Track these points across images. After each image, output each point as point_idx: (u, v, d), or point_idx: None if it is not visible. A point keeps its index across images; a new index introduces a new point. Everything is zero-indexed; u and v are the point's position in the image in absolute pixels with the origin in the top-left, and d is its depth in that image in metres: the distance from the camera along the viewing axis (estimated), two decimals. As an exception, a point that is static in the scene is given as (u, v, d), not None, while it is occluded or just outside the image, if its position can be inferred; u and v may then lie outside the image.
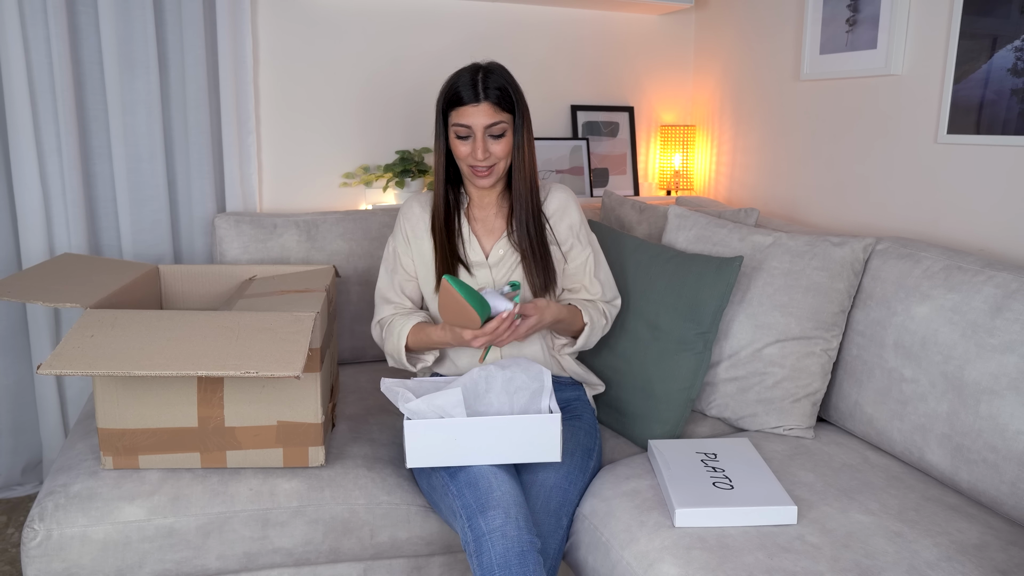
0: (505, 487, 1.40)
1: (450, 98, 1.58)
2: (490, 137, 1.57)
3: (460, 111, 1.56)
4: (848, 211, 2.21)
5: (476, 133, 1.56)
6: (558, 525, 1.47)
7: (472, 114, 1.55)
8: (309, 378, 1.50)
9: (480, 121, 1.55)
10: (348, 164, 2.52)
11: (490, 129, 1.56)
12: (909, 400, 1.59)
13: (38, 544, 1.39)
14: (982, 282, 1.53)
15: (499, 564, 1.30)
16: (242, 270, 1.92)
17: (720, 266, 1.70)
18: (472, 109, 1.55)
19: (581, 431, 1.63)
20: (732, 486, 1.42)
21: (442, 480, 1.47)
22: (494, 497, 1.37)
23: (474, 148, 1.57)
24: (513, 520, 1.34)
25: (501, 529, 1.33)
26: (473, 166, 1.60)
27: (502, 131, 1.58)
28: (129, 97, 2.17)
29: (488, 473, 1.42)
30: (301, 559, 1.54)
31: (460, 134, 1.58)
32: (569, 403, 1.71)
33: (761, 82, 2.52)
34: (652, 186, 2.93)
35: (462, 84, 1.56)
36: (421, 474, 1.56)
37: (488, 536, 1.32)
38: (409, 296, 1.72)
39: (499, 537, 1.32)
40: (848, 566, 1.24)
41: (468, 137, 1.57)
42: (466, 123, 1.56)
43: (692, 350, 1.71)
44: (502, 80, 1.57)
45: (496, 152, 1.58)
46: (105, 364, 1.26)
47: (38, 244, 2.11)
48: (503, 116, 1.57)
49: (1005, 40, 1.72)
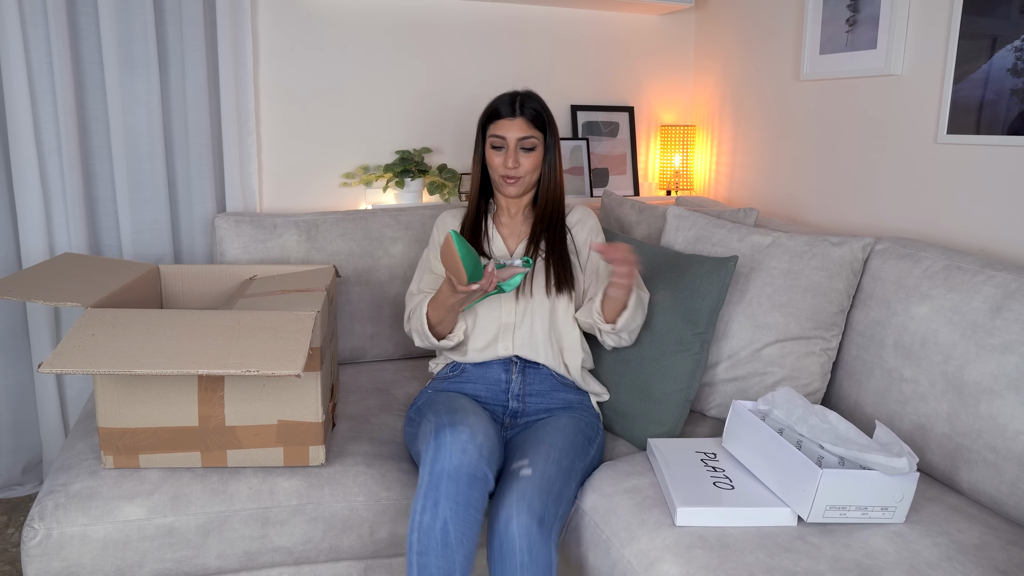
0: (483, 423, 1.47)
1: (490, 113, 1.76)
2: (521, 150, 1.74)
3: (497, 124, 1.74)
4: (848, 211, 2.21)
5: (509, 144, 1.73)
6: (568, 481, 1.49)
7: (507, 127, 1.73)
8: (310, 377, 1.50)
9: (514, 134, 1.72)
10: (348, 164, 2.52)
11: (522, 142, 1.73)
12: (909, 400, 1.59)
13: (38, 543, 1.39)
14: (982, 282, 1.53)
15: (449, 476, 1.36)
16: (242, 270, 1.92)
17: (716, 266, 1.70)
18: (508, 123, 1.73)
19: (583, 421, 1.65)
20: (732, 486, 1.42)
21: (426, 418, 1.54)
22: (468, 421, 1.45)
23: (506, 158, 1.73)
24: (477, 446, 1.40)
25: (463, 444, 1.39)
26: (504, 175, 1.74)
27: (532, 146, 1.74)
28: (129, 97, 2.17)
29: (470, 409, 1.51)
30: (301, 558, 1.54)
31: (495, 144, 1.75)
32: (571, 404, 1.72)
33: (761, 82, 2.52)
34: (652, 186, 2.93)
35: (502, 102, 1.75)
36: (410, 421, 1.67)
37: (449, 447, 1.38)
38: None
39: (459, 452, 1.38)
40: (848, 566, 1.24)
41: (502, 148, 1.74)
42: (501, 134, 1.73)
43: (689, 351, 1.71)
44: (537, 104, 1.75)
45: (525, 165, 1.74)
46: (106, 363, 1.26)
47: (38, 244, 2.11)
48: (535, 133, 1.74)
49: (1005, 40, 1.72)
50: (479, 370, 1.74)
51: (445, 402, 1.59)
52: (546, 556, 1.38)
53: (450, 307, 1.63)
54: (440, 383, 1.76)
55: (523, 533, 1.37)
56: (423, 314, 1.69)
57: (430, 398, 1.68)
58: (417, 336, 1.73)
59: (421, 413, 1.62)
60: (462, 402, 1.59)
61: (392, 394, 1.98)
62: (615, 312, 1.65)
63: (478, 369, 1.74)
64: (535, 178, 1.78)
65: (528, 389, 1.71)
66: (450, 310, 1.64)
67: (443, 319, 1.68)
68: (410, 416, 1.69)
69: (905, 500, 1.33)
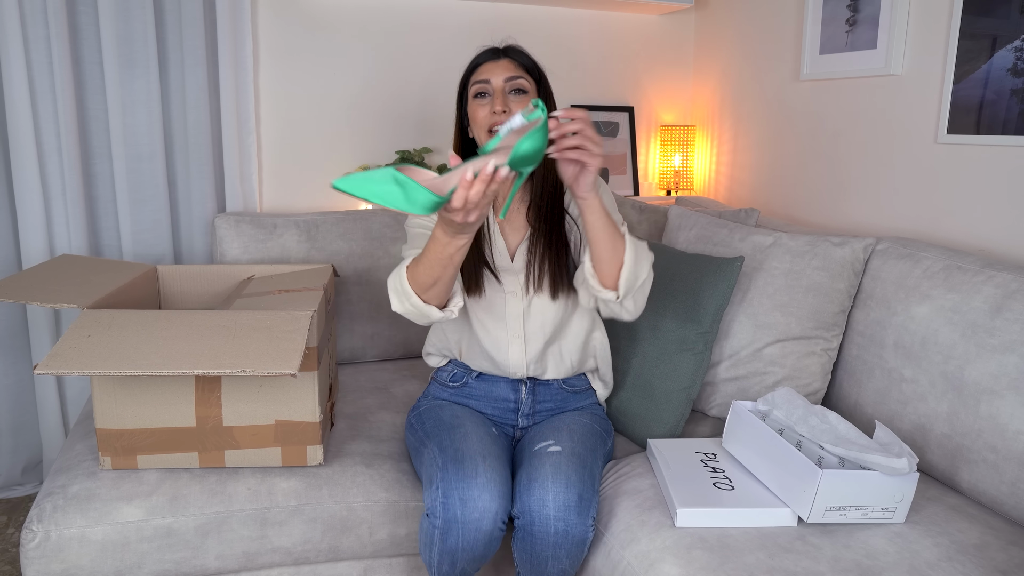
0: (496, 463, 1.37)
1: (471, 67, 1.50)
2: (511, 93, 1.45)
3: (480, 69, 1.48)
4: (848, 211, 2.20)
5: (495, 87, 1.45)
6: (596, 460, 1.45)
7: (491, 69, 1.46)
8: (307, 377, 1.50)
9: (499, 74, 1.45)
10: (348, 164, 2.52)
11: (510, 83, 1.45)
12: (909, 400, 1.58)
13: (37, 545, 1.39)
14: (982, 282, 1.52)
15: (464, 548, 1.33)
16: (240, 270, 1.91)
17: (721, 266, 1.70)
18: (492, 64, 1.47)
19: (596, 415, 1.62)
20: (732, 487, 1.42)
21: (429, 447, 1.45)
22: (480, 472, 1.33)
23: (493, 103, 1.45)
24: (493, 513, 1.32)
25: (480, 512, 1.31)
26: (492, 125, 1.44)
27: (522, 87, 1.46)
28: (129, 97, 2.17)
29: (477, 444, 1.40)
30: (300, 558, 1.53)
31: (479, 91, 1.46)
32: (582, 407, 1.67)
33: (761, 82, 2.52)
34: (652, 186, 2.93)
35: (483, 52, 1.51)
36: (412, 428, 1.58)
37: (462, 525, 1.31)
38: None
39: (472, 529, 1.32)
40: (848, 566, 1.23)
41: (486, 95, 1.46)
42: (484, 78, 1.46)
43: (692, 350, 1.70)
44: (523, 50, 1.51)
45: (515, 109, 1.44)
46: (102, 364, 1.25)
47: (38, 244, 2.11)
48: (523, 74, 1.47)
49: (1005, 40, 1.72)
50: (484, 385, 1.62)
51: (450, 429, 1.46)
52: (582, 534, 1.34)
53: (442, 249, 1.27)
54: (441, 390, 1.66)
55: (560, 508, 1.32)
56: (403, 272, 1.38)
57: (432, 410, 1.58)
58: (400, 304, 1.40)
59: (423, 424, 1.55)
60: (468, 428, 1.46)
61: (391, 392, 1.97)
62: (613, 268, 1.36)
63: (483, 385, 1.62)
64: None
65: (539, 407, 1.62)
66: (443, 255, 1.28)
67: (437, 276, 1.32)
68: (411, 422, 1.62)
69: (905, 500, 1.32)
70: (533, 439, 1.51)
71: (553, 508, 1.33)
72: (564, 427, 1.52)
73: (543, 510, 1.33)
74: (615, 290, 1.39)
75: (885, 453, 1.30)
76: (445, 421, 1.51)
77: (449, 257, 1.28)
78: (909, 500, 1.33)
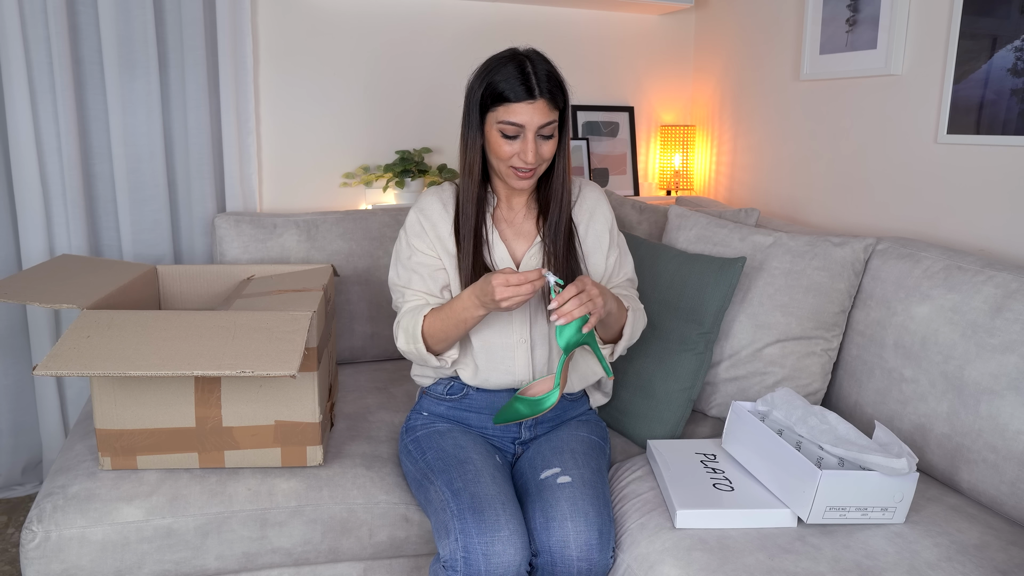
0: (511, 508, 1.32)
1: (499, 95, 1.39)
2: (540, 137, 1.42)
3: (511, 108, 1.38)
4: (848, 211, 2.20)
5: (528, 133, 1.40)
6: (605, 482, 1.44)
7: (524, 112, 1.38)
8: (306, 377, 1.50)
9: (535, 120, 1.39)
10: (348, 164, 2.52)
11: (542, 129, 1.40)
12: (909, 400, 1.58)
13: (37, 546, 1.39)
14: (982, 282, 1.52)
15: None
16: (240, 270, 1.91)
17: (722, 267, 1.70)
18: (527, 107, 1.38)
19: (591, 422, 1.61)
20: (732, 488, 1.41)
21: (438, 486, 1.40)
22: (500, 523, 1.28)
23: (524, 149, 1.40)
24: (516, 565, 1.27)
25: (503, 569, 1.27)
26: (518, 168, 1.43)
27: (552, 131, 1.43)
28: (129, 97, 2.17)
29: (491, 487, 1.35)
30: (300, 559, 1.53)
31: (508, 133, 1.40)
32: (578, 416, 1.64)
33: (761, 82, 2.51)
34: (652, 186, 2.93)
35: (509, 81, 1.38)
36: (408, 455, 1.53)
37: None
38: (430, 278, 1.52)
39: None
40: (848, 567, 1.23)
41: (516, 137, 1.41)
42: (518, 122, 1.39)
43: (693, 350, 1.70)
44: (550, 68, 1.42)
45: (544, 153, 1.43)
46: (101, 365, 1.25)
47: (38, 244, 2.11)
48: (555, 115, 1.42)
49: (1005, 40, 1.72)
50: (486, 399, 1.55)
51: (458, 465, 1.40)
52: (604, 568, 1.32)
53: (467, 315, 1.39)
54: (436, 404, 1.59)
55: (583, 547, 1.30)
56: (418, 326, 1.45)
57: (431, 436, 1.52)
58: (404, 336, 1.48)
59: (424, 454, 1.48)
60: (477, 463, 1.40)
61: (390, 392, 1.97)
62: (611, 336, 1.53)
63: (484, 397, 1.55)
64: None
65: (540, 429, 1.59)
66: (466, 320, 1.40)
67: (449, 335, 1.42)
68: (407, 448, 1.55)
69: (905, 500, 1.32)
70: (534, 462, 1.48)
71: (575, 548, 1.30)
72: (566, 448, 1.48)
73: (565, 551, 1.31)
74: (610, 345, 1.56)
75: (885, 453, 1.30)
76: (449, 452, 1.45)
77: (465, 321, 1.40)
78: (909, 500, 1.33)
